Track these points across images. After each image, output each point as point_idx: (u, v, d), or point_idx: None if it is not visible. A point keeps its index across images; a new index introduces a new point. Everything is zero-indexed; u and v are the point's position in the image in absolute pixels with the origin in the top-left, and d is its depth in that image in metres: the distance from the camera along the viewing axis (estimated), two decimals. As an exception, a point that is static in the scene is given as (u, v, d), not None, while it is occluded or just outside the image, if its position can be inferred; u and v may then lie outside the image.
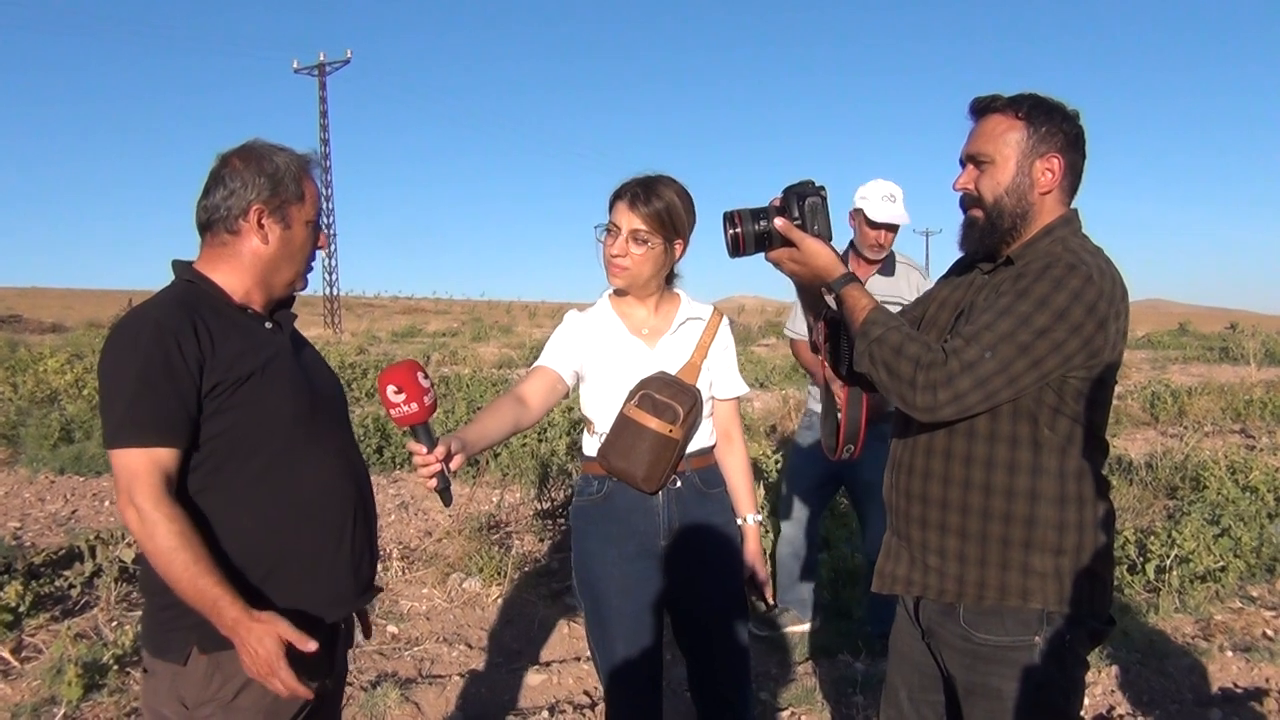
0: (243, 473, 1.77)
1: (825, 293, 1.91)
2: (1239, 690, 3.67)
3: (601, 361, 2.36)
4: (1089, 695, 3.52)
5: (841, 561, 5.01)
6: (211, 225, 1.86)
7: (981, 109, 1.86)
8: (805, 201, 1.85)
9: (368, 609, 2.08)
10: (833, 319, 2.01)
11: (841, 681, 3.72)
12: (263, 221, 1.85)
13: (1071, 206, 1.88)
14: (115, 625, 4.07)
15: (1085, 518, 1.79)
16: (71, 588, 4.37)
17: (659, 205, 2.27)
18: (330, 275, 42.20)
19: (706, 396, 2.38)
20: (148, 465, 1.67)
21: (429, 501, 6.65)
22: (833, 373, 2.07)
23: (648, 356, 2.36)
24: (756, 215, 1.86)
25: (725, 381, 2.45)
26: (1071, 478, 1.79)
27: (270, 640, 1.66)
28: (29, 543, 5.53)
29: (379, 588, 2.07)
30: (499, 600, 4.66)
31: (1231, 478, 6.16)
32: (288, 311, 1.97)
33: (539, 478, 6.30)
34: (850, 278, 1.84)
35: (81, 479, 7.42)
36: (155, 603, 1.80)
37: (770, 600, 2.48)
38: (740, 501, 2.47)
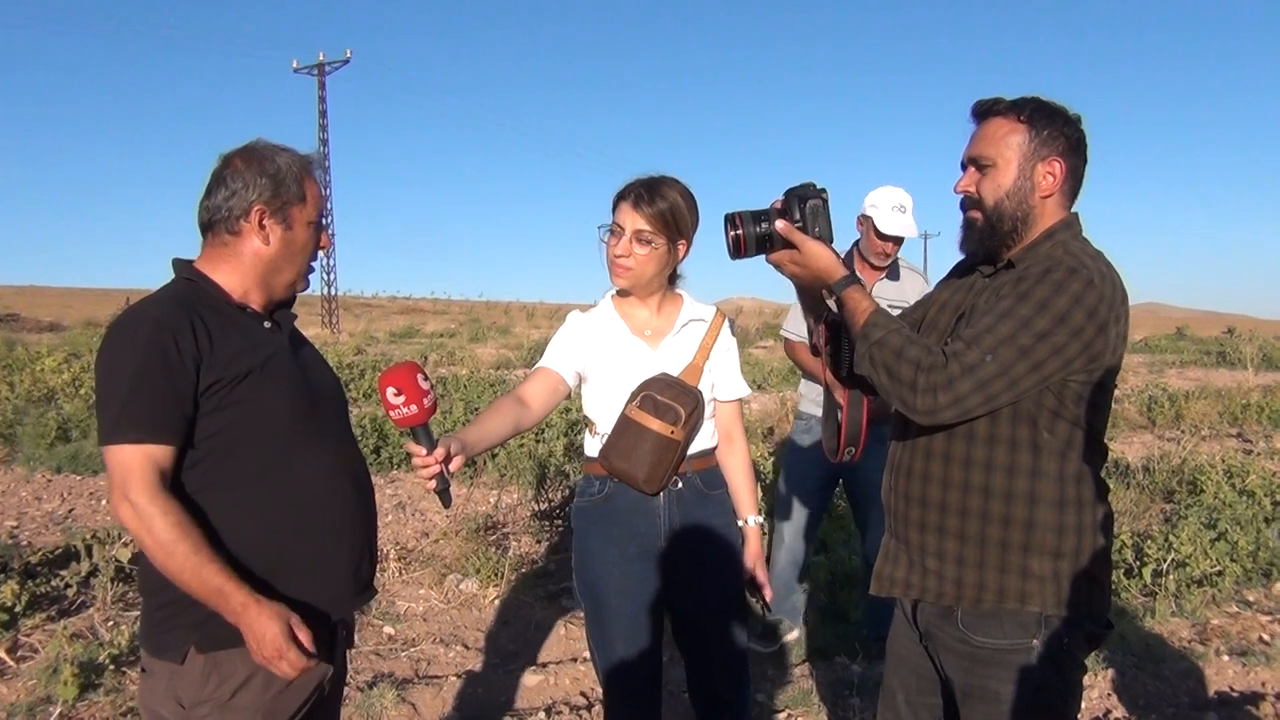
0: (241, 472, 1.77)
1: (826, 295, 1.91)
2: (1235, 694, 3.67)
3: (604, 362, 2.36)
4: (1085, 699, 3.52)
5: (839, 564, 5.01)
6: (213, 225, 1.86)
7: (983, 112, 1.86)
8: (806, 204, 1.85)
9: (361, 612, 2.07)
10: (833, 321, 2.01)
11: (838, 684, 3.71)
12: (264, 222, 1.85)
13: (1072, 210, 1.88)
14: (111, 625, 4.06)
15: (1084, 521, 1.79)
16: (68, 587, 4.37)
17: (663, 206, 2.27)
18: (328, 275, 42.20)
19: (708, 398, 2.38)
20: (142, 461, 1.66)
21: (426, 502, 6.65)
22: (833, 375, 2.07)
23: (650, 357, 2.36)
24: (757, 217, 1.86)
25: (727, 383, 2.45)
26: (1070, 481, 1.79)
27: (278, 623, 1.66)
28: (25, 542, 5.51)
29: (376, 590, 2.06)
30: (496, 601, 4.66)
31: (1228, 482, 6.17)
32: (287, 311, 1.97)
33: (536, 479, 6.30)
34: (851, 280, 1.84)
35: (78, 478, 7.41)
36: (153, 602, 1.80)
37: (770, 602, 2.48)
38: (741, 503, 2.46)
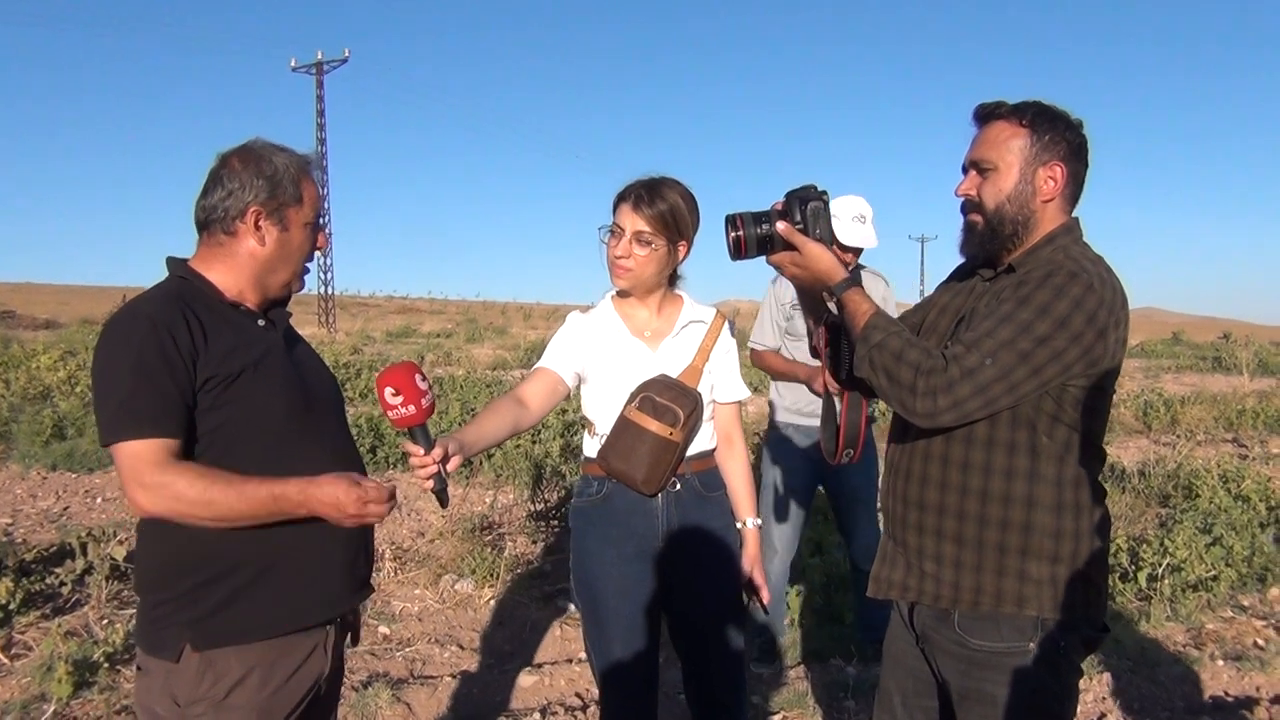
0: (237, 469, 1.75)
1: (826, 297, 1.91)
2: (1229, 699, 3.68)
3: (603, 363, 2.36)
4: (1080, 703, 3.51)
5: (834, 566, 5.01)
6: (209, 225, 1.86)
7: (985, 115, 1.86)
8: (807, 205, 1.85)
9: (359, 611, 2.06)
10: (833, 323, 2.01)
11: (833, 686, 3.72)
12: (260, 224, 1.84)
13: (1073, 215, 1.88)
14: (106, 623, 4.06)
15: (1082, 525, 1.79)
16: (62, 585, 4.36)
17: (663, 207, 2.27)
18: (325, 274, 42.16)
19: (707, 400, 2.37)
20: (150, 449, 1.67)
21: (422, 502, 6.64)
22: (832, 377, 2.07)
23: (649, 358, 2.36)
24: (758, 219, 1.86)
25: (727, 385, 2.44)
26: (1069, 485, 1.79)
27: (342, 483, 1.70)
28: (20, 539, 5.50)
29: (373, 587, 2.06)
30: (491, 601, 4.65)
31: (1224, 487, 6.18)
32: (281, 309, 1.96)
33: (532, 479, 6.30)
34: (851, 282, 1.84)
35: (74, 476, 7.39)
36: (148, 600, 1.79)
37: (766, 605, 2.48)
38: (740, 505, 2.46)
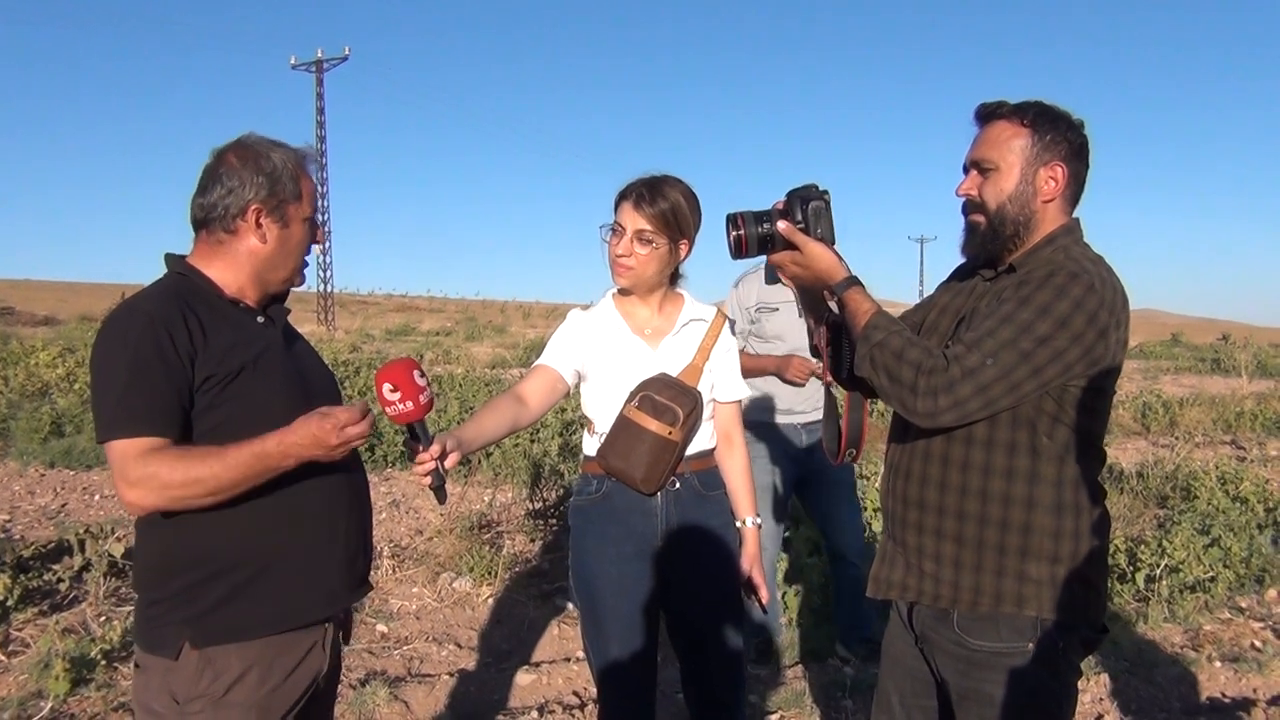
0: None
1: (827, 296, 1.91)
2: (1227, 700, 3.68)
3: (603, 361, 2.35)
4: (1078, 703, 3.52)
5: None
6: (208, 223, 1.84)
7: (987, 115, 1.86)
8: (809, 205, 1.85)
9: (352, 610, 2.05)
10: (834, 322, 2.01)
11: (831, 685, 3.71)
12: (261, 221, 1.83)
13: (1074, 215, 1.88)
14: (103, 620, 4.05)
15: (1081, 526, 1.79)
16: (60, 582, 4.36)
17: (664, 206, 2.26)
18: (325, 272, 42.15)
19: (707, 399, 2.37)
20: (140, 449, 1.66)
21: (420, 500, 6.64)
22: (833, 376, 2.07)
23: (650, 357, 2.35)
24: (759, 218, 1.86)
25: (727, 384, 2.44)
26: (1069, 486, 1.79)
27: (314, 420, 1.66)
28: (18, 536, 5.50)
29: (371, 584, 2.05)
30: (489, 600, 4.65)
31: (1222, 488, 6.19)
32: (280, 306, 1.95)
33: (531, 478, 6.30)
34: (853, 281, 1.84)
35: (72, 473, 7.39)
36: (146, 598, 1.79)
37: (765, 605, 2.48)
38: (739, 504, 2.45)
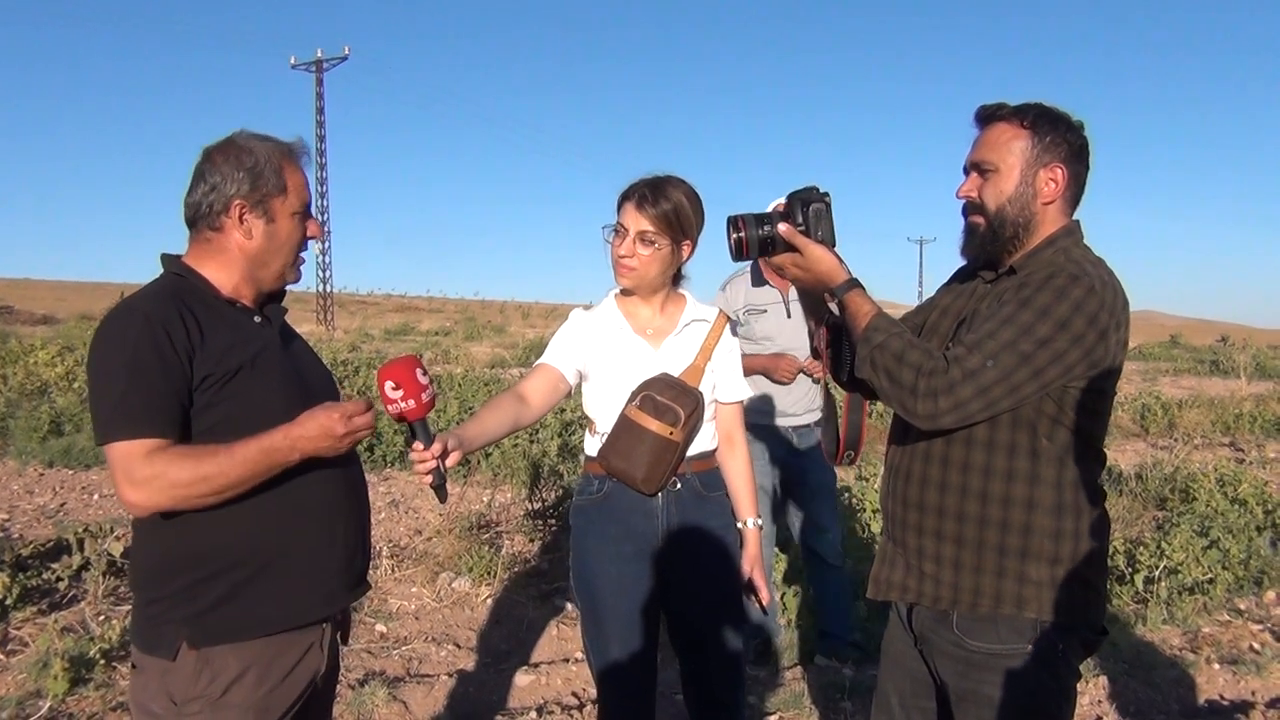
0: None
1: (828, 298, 1.91)
2: (1225, 702, 3.68)
3: (605, 361, 2.36)
4: (1076, 705, 3.52)
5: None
6: (196, 222, 1.84)
7: (987, 117, 1.87)
8: (809, 207, 1.86)
9: (349, 611, 2.04)
10: (834, 324, 2.01)
11: (830, 687, 3.71)
12: (244, 217, 1.81)
13: (1074, 217, 1.89)
14: (102, 619, 4.05)
15: (1081, 527, 1.80)
16: (59, 581, 4.35)
17: (667, 206, 2.26)
18: (324, 272, 42.19)
19: (709, 399, 2.37)
20: (141, 450, 1.65)
21: (419, 500, 6.64)
22: (834, 378, 2.07)
23: (651, 357, 2.35)
24: (760, 220, 1.86)
25: (728, 385, 2.44)
26: (1068, 487, 1.79)
27: (321, 413, 1.69)
28: (17, 535, 5.50)
29: (370, 584, 2.05)
30: (488, 600, 4.65)
31: (1221, 490, 6.19)
32: (277, 305, 1.95)
33: (530, 478, 6.29)
34: (853, 283, 1.85)
35: (70, 472, 7.39)
36: (144, 598, 1.78)
37: (766, 605, 2.48)
38: (741, 505, 2.45)
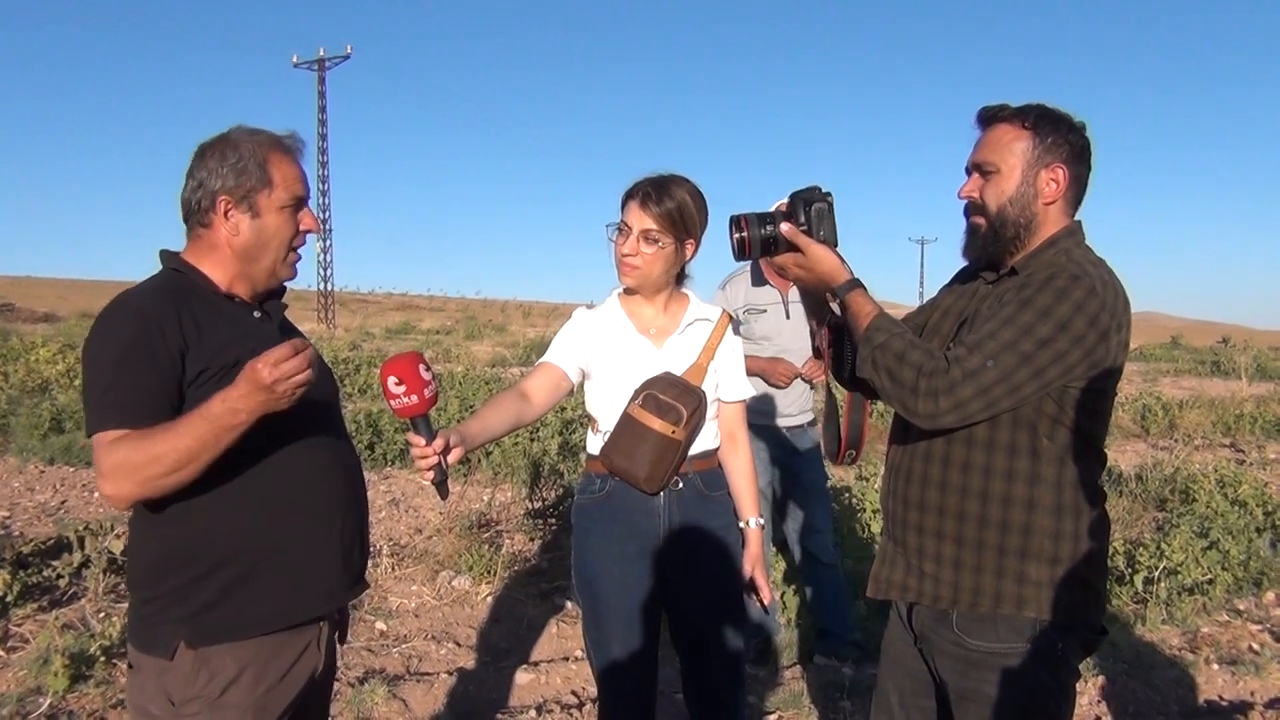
0: (230, 463, 1.71)
1: (830, 298, 1.91)
2: (1224, 703, 3.68)
3: (608, 360, 2.36)
4: (1075, 705, 3.53)
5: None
6: (188, 219, 1.84)
7: (988, 118, 1.87)
8: (812, 207, 1.86)
9: (348, 610, 2.03)
10: (835, 324, 2.01)
11: (829, 686, 3.71)
12: (229, 213, 1.80)
13: (1075, 218, 1.89)
14: (103, 616, 4.05)
15: (1081, 527, 1.80)
16: (59, 578, 4.36)
17: (670, 205, 2.26)
18: (325, 270, 42.18)
19: (712, 399, 2.37)
20: (110, 440, 1.63)
21: (420, 498, 6.64)
22: (835, 378, 2.07)
23: (654, 356, 2.35)
24: (763, 220, 1.87)
25: (731, 384, 2.44)
26: (1069, 487, 1.79)
27: (249, 376, 1.56)
28: (17, 532, 5.50)
29: (368, 583, 2.04)
30: (488, 599, 4.66)
31: (1221, 491, 6.19)
32: (277, 301, 1.94)
33: (530, 477, 6.30)
34: (855, 284, 1.85)
35: (71, 469, 7.39)
36: (140, 596, 1.77)
37: (767, 605, 2.48)
38: (743, 505, 2.44)
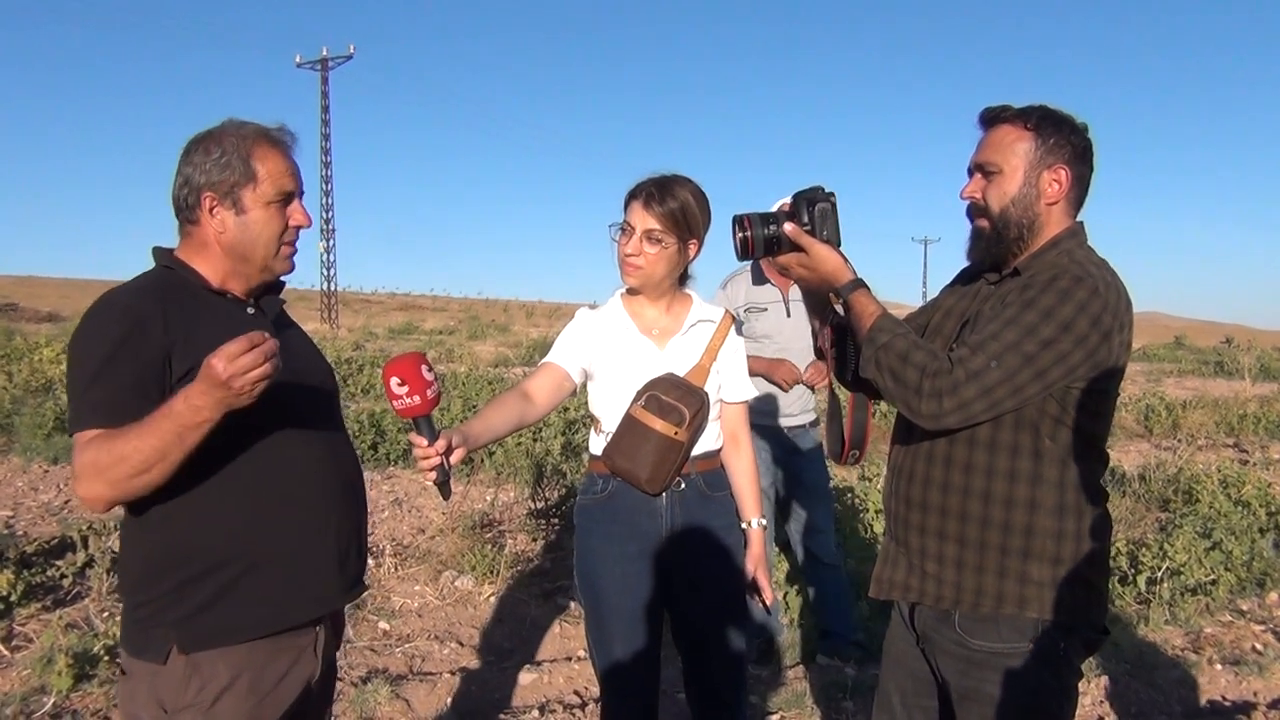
0: (221, 461, 1.69)
1: (833, 298, 1.92)
2: (1227, 703, 3.68)
3: (610, 360, 2.36)
4: (1078, 705, 3.52)
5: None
6: (178, 216, 1.82)
7: (991, 119, 1.87)
8: (815, 207, 1.86)
9: (344, 615, 2.00)
10: (838, 324, 2.01)
11: (832, 686, 3.72)
12: (214, 209, 1.77)
13: (1078, 219, 1.89)
14: (106, 616, 4.06)
15: (1083, 528, 1.80)
16: (63, 578, 4.36)
17: (673, 205, 2.26)
18: (328, 270, 42.17)
19: (714, 399, 2.37)
20: (84, 442, 1.60)
21: (422, 498, 6.65)
22: (837, 378, 2.08)
23: (657, 357, 2.35)
24: (766, 219, 1.87)
25: (734, 385, 2.44)
26: (1071, 488, 1.79)
27: (205, 372, 1.50)
28: (21, 532, 5.51)
29: (366, 586, 2.01)
30: (491, 598, 4.66)
31: (1224, 491, 6.18)
32: (273, 296, 1.90)
33: (533, 477, 6.30)
34: (858, 284, 1.85)
35: (74, 469, 7.39)
36: (132, 600, 1.74)
37: (770, 605, 2.48)
38: (745, 505, 2.45)
